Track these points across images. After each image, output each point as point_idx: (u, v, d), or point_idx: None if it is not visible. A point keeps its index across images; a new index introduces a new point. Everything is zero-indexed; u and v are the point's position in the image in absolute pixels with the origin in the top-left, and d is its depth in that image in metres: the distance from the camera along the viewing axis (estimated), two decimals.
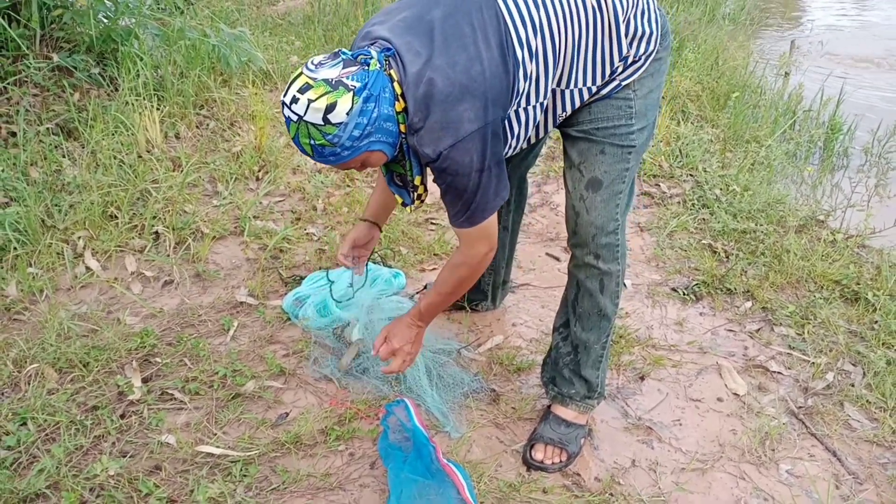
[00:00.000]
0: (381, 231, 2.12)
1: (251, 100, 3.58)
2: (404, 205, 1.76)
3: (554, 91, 1.64)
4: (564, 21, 1.55)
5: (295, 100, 1.43)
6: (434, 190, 1.69)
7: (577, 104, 1.69)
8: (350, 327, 2.22)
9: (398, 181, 1.72)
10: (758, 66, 5.11)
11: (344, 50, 1.49)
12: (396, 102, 1.50)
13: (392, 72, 1.50)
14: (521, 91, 1.57)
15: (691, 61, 4.79)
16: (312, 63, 1.46)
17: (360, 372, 2.14)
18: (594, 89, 1.67)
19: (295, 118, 1.44)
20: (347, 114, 1.43)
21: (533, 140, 1.78)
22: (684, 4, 6.31)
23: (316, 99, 1.41)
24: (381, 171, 1.76)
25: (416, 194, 1.72)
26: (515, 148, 1.72)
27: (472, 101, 1.48)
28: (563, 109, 1.69)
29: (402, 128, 1.54)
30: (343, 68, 1.44)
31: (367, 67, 1.46)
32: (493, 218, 1.67)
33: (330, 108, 1.41)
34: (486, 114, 1.50)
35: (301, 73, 1.45)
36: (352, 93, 1.42)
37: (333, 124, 1.43)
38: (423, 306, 1.86)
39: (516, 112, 1.60)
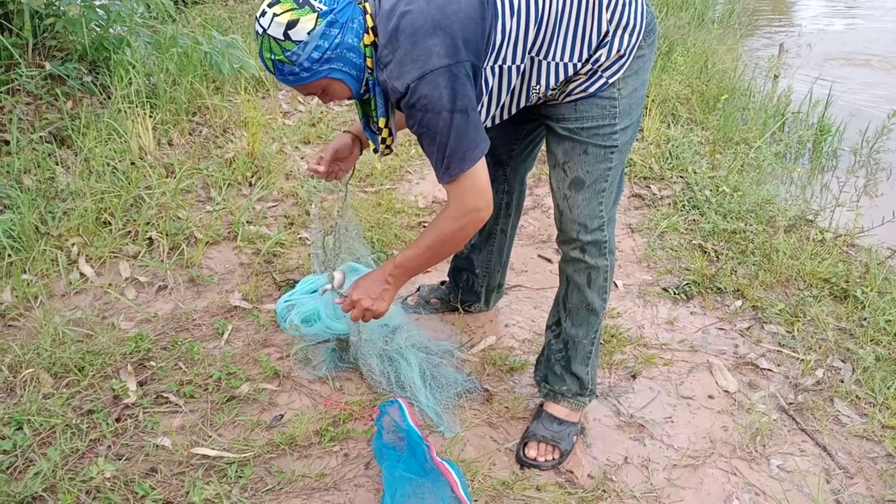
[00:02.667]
0: (362, 153, 2.02)
1: (243, 106, 3.60)
2: (375, 151, 1.75)
3: (532, 59, 1.63)
4: None
5: (263, 13, 1.48)
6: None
7: (553, 82, 1.66)
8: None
9: (373, 127, 1.72)
10: (747, 69, 5.16)
11: None
12: (366, 35, 1.53)
13: (367, 4, 1.52)
14: (496, 44, 1.56)
15: (681, 65, 4.83)
16: None
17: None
18: (571, 69, 1.65)
19: (260, 31, 1.49)
20: (308, 34, 1.47)
21: (513, 110, 1.74)
22: (673, 9, 6.36)
23: (280, 14, 1.46)
24: (358, 114, 1.77)
25: (380, 138, 1.69)
26: (490, 111, 1.69)
27: (442, 38, 1.48)
28: (538, 82, 1.67)
29: (369, 62, 1.56)
30: None
31: None
32: (484, 172, 1.60)
33: (291, 24, 1.45)
34: (456, 53, 1.49)
35: None
36: (316, 14, 1.46)
37: (293, 41, 1.47)
38: (399, 259, 1.75)
39: (492, 68, 1.59)
